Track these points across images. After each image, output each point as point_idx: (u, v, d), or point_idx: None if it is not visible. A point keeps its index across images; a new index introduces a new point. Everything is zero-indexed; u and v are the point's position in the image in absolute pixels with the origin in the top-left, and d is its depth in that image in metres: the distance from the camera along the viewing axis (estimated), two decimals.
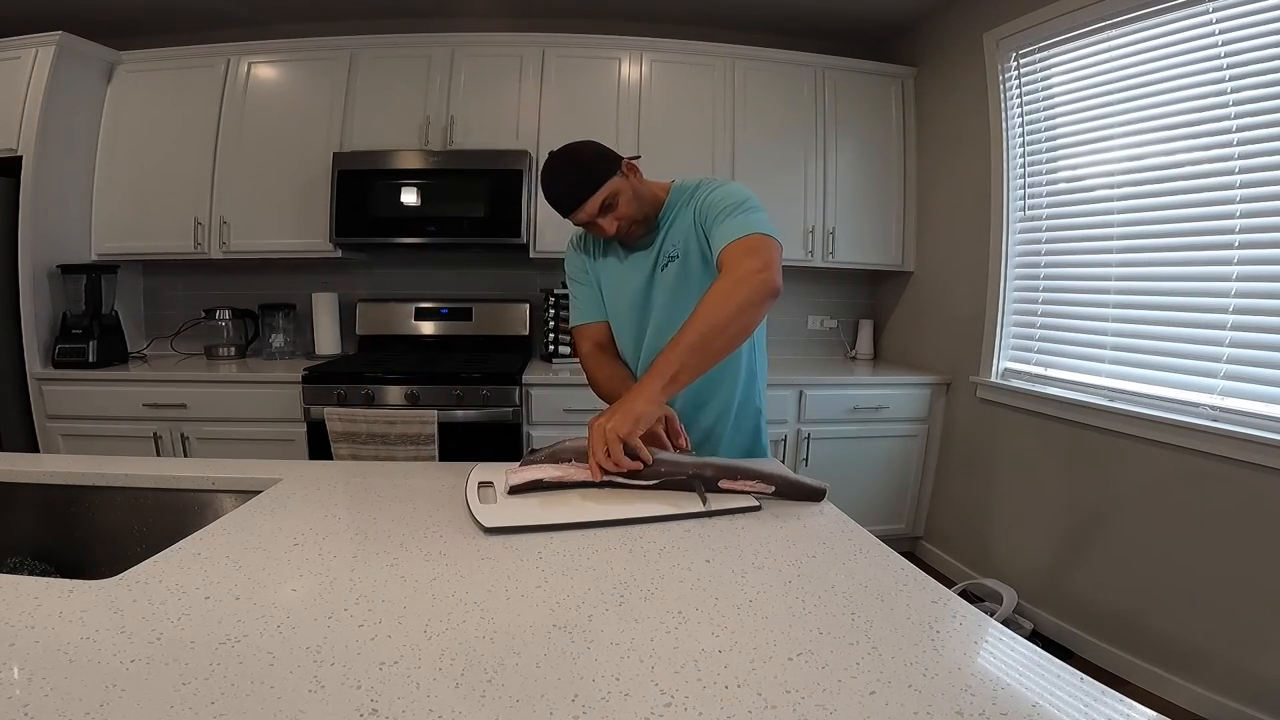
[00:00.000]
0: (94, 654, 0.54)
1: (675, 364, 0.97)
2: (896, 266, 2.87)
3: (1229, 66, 1.66)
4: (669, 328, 1.12)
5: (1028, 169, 2.30)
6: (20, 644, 0.55)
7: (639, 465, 0.94)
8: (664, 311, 1.21)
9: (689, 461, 0.98)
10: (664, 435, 1.04)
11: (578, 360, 1.40)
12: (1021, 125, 2.30)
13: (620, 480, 0.95)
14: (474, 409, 2.29)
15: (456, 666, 0.53)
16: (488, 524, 0.83)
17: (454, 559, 0.75)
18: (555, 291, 2.67)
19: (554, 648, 0.57)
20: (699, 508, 0.90)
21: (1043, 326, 2.26)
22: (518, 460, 1.04)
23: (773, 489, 0.96)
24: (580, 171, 1.10)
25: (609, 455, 0.92)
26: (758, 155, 2.68)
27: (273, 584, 0.68)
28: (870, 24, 2.87)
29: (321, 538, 0.81)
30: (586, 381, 1.31)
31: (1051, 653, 0.59)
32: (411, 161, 2.49)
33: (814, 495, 0.98)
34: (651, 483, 0.95)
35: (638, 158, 1.18)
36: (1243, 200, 1.65)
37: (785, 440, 2.51)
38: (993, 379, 2.40)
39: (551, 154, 1.13)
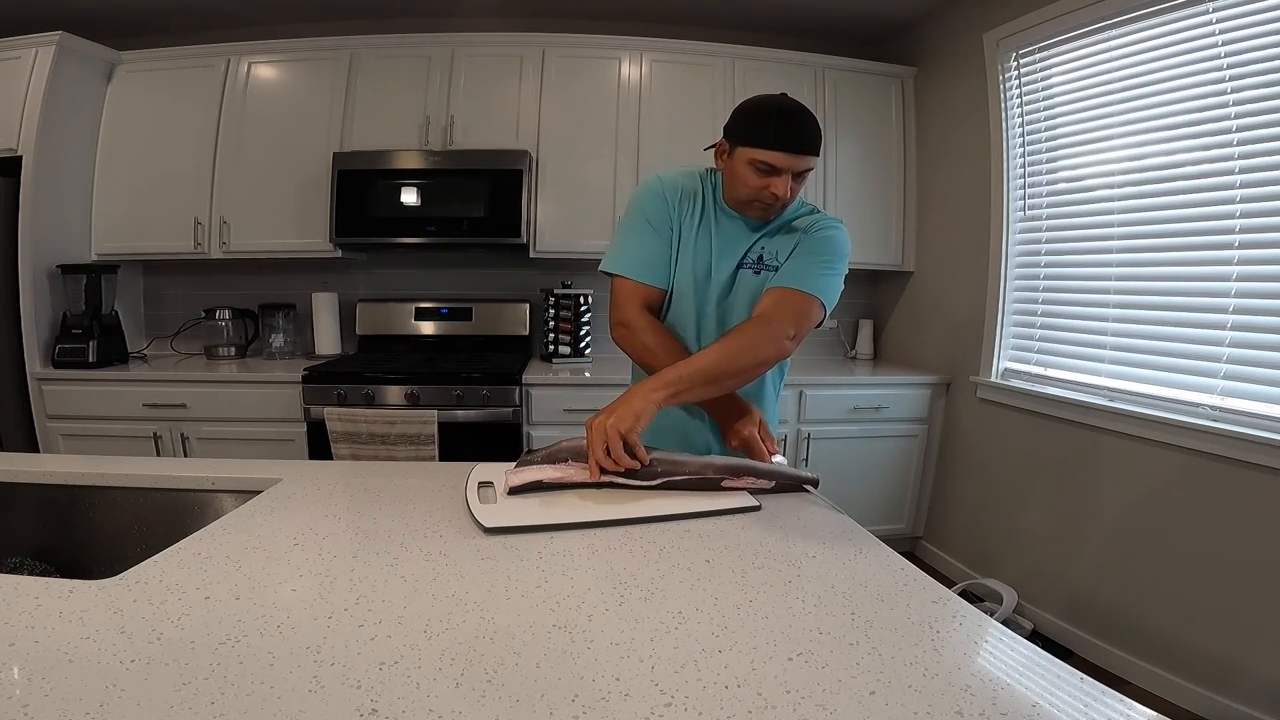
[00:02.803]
0: (94, 654, 0.54)
1: (685, 383, 0.99)
2: (896, 266, 2.87)
3: (1229, 66, 1.66)
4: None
5: (1028, 169, 2.30)
6: (20, 644, 0.55)
7: (636, 465, 0.94)
8: (741, 311, 1.17)
9: (688, 461, 0.98)
10: (759, 439, 1.07)
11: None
12: (1021, 125, 2.30)
13: (620, 481, 0.95)
14: (474, 409, 2.29)
15: (456, 666, 0.53)
16: (488, 524, 0.83)
17: (454, 559, 0.75)
18: (555, 291, 2.66)
19: (554, 648, 0.57)
20: (699, 507, 0.91)
21: (1043, 326, 2.26)
22: (517, 460, 1.04)
23: (773, 484, 0.99)
24: (818, 132, 1.09)
25: (609, 453, 0.93)
26: None
27: (273, 584, 0.68)
28: (870, 24, 2.87)
29: (321, 538, 0.80)
30: (619, 347, 1.19)
31: (1051, 653, 0.59)
32: (411, 161, 2.49)
33: (807, 484, 1.02)
34: (652, 483, 0.95)
35: None
36: (1243, 200, 1.65)
37: (785, 440, 2.50)
38: (993, 379, 2.40)
39: (785, 96, 1.11)
